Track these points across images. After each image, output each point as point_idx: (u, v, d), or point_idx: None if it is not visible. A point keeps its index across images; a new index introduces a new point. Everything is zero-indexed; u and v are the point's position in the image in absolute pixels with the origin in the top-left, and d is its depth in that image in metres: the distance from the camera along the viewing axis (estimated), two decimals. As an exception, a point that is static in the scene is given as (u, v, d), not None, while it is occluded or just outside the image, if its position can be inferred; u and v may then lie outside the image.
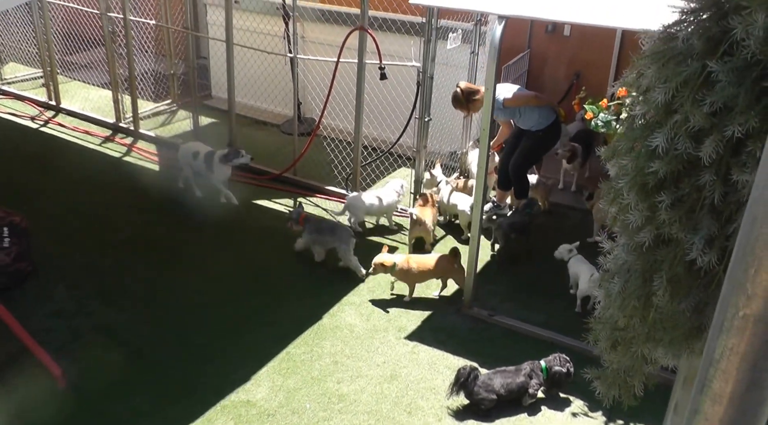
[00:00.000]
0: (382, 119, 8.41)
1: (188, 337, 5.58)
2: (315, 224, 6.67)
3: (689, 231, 1.61)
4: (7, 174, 8.21)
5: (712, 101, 1.59)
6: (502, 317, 5.89)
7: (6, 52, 11.93)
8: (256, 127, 10.04)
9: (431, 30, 6.97)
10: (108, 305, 5.96)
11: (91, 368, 5.18)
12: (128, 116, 9.89)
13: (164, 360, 5.33)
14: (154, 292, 6.18)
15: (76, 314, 5.80)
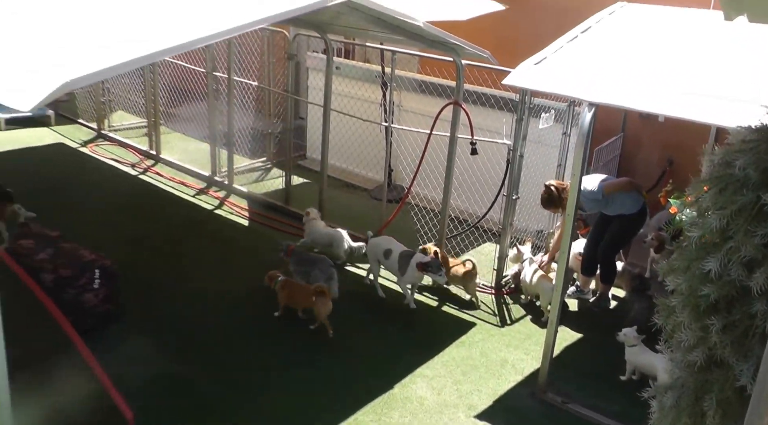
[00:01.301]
0: (471, 193, 8.57)
1: (259, 396, 5.73)
2: (299, 256, 7.27)
3: (740, 357, 1.66)
4: (102, 218, 8.73)
5: (764, 233, 1.65)
6: (576, 405, 5.83)
7: (115, 101, 12.72)
8: (347, 190, 10.35)
9: (524, 109, 7.12)
10: (184, 356, 6.22)
11: (161, 415, 5.39)
12: (223, 170, 10.38)
13: (236, 414, 5.50)
14: (229, 349, 6.41)
15: (153, 363, 6.07)
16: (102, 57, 4.02)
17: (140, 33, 4.71)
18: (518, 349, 6.59)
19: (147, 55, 4.17)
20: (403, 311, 7.15)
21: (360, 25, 7.45)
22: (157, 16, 5.26)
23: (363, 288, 7.53)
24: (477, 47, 7.03)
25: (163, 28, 4.85)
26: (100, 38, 4.66)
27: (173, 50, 4.36)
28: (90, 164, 11.01)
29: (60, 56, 4.30)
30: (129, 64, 4.08)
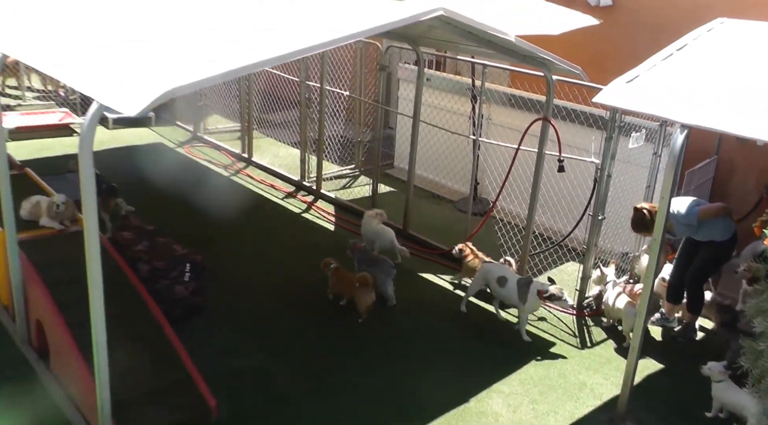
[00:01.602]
0: (556, 210, 8.53)
1: (334, 396, 5.89)
2: (363, 254, 7.59)
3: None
4: (193, 217, 9.09)
5: None
6: (655, 435, 5.73)
7: (211, 106, 13.18)
8: (432, 201, 10.44)
9: (614, 127, 7.04)
10: (266, 350, 6.44)
11: (242, 407, 5.62)
12: (312, 176, 10.64)
13: (310, 412, 5.66)
14: (309, 347, 6.59)
15: (236, 355, 6.32)
16: (203, 66, 4.21)
17: (240, 45, 4.89)
18: (597, 373, 6.51)
19: (244, 67, 4.34)
20: (482, 325, 7.19)
21: (451, 38, 7.52)
22: (256, 29, 5.45)
23: (443, 299, 7.58)
24: (568, 63, 7.00)
25: (262, 39, 5.02)
26: (203, 49, 4.87)
27: (270, 62, 4.51)
28: (185, 163, 11.44)
29: (165, 65, 4.52)
30: (228, 74, 4.25)
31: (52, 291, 5.73)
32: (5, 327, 6.36)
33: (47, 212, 6.68)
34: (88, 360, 4.88)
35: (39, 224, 6.70)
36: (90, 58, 4.78)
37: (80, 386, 5.21)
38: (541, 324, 7.23)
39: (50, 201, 6.72)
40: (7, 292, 6.32)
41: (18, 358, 5.98)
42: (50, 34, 5.47)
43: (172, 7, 6.39)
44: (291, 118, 12.22)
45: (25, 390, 5.58)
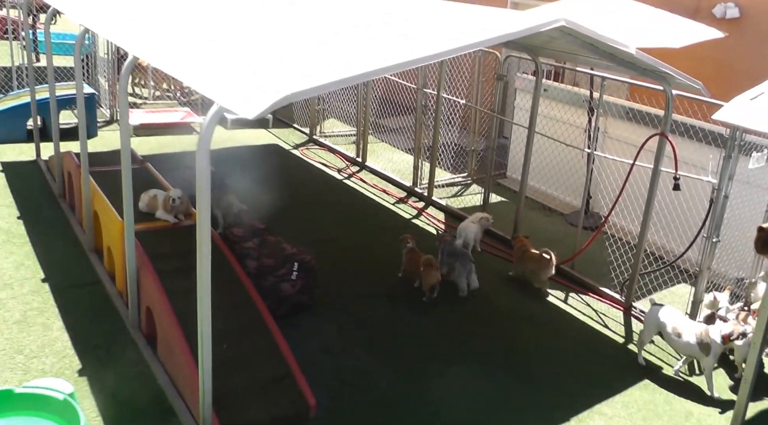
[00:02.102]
0: (669, 230, 8.25)
1: (436, 402, 5.90)
2: (447, 245, 7.94)
3: None
4: (305, 215, 9.34)
5: None
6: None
7: (329, 110, 13.47)
8: (543, 212, 10.31)
9: (733, 146, 6.74)
10: (370, 351, 6.53)
11: (341, 407, 5.70)
12: (424, 182, 10.70)
13: (411, 418, 5.69)
14: (413, 351, 6.63)
15: (340, 355, 6.43)
16: (322, 72, 4.31)
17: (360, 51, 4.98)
18: (706, 403, 6.23)
19: (363, 73, 4.41)
20: (587, 343, 7.04)
21: (571, 49, 7.41)
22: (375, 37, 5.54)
23: (551, 313, 7.47)
24: (689, 77, 6.76)
25: (382, 46, 5.09)
26: (321, 55, 4.99)
27: (390, 69, 4.57)
28: (300, 165, 11.74)
29: (284, 69, 4.66)
30: (346, 81, 4.33)
31: (163, 281, 6.02)
32: (119, 312, 6.71)
33: (163, 206, 7.01)
34: (192, 348, 5.10)
35: (155, 217, 7.04)
36: (212, 61, 5.00)
37: (184, 373, 5.43)
38: (650, 347, 6.99)
39: (167, 195, 7.05)
40: (122, 279, 6.67)
41: (128, 342, 6.29)
42: (172, 39, 5.75)
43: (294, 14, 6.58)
44: (406, 124, 12.35)
45: (132, 373, 5.87)
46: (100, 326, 6.49)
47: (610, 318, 7.47)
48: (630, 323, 7.42)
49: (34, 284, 7.10)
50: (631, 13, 9.05)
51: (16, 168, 10.32)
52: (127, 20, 6.59)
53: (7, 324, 6.39)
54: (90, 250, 7.77)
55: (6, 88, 12.86)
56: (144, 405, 5.51)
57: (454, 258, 7.74)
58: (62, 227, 8.44)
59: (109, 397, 5.53)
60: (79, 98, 7.60)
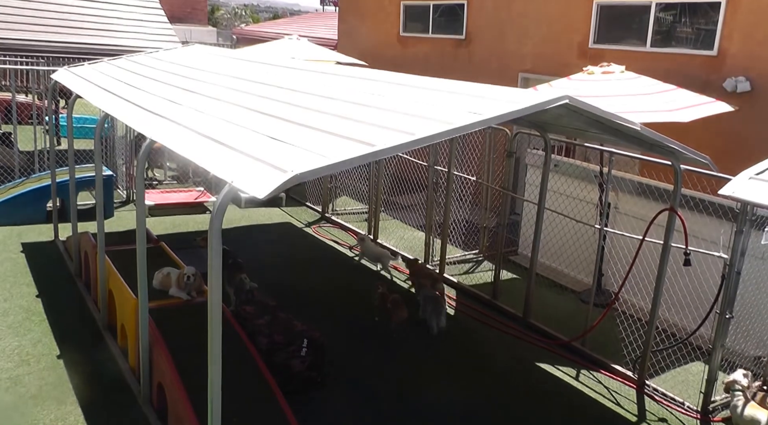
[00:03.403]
0: (681, 306, 8.32)
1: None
2: (425, 295, 8.94)
3: None
4: (316, 294, 9.49)
5: None
6: None
7: (341, 188, 13.79)
8: (556, 290, 10.40)
9: (744, 220, 6.89)
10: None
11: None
12: (436, 259, 10.85)
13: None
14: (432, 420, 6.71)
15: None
16: (329, 153, 4.56)
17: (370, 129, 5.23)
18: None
19: (368, 154, 4.64)
20: (600, 420, 7.06)
21: (579, 126, 7.65)
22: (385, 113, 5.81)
23: (562, 390, 7.53)
24: (696, 152, 6.95)
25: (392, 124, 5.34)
26: (332, 132, 5.25)
27: (399, 148, 4.80)
28: (311, 243, 11.96)
29: (294, 149, 4.91)
30: (353, 162, 4.57)
31: (175, 357, 6.17)
32: (130, 387, 6.87)
33: (177, 283, 7.23)
34: (202, 423, 5.21)
35: (168, 294, 7.24)
36: (225, 141, 5.26)
37: (194, 449, 5.54)
38: (659, 423, 7.03)
39: (180, 273, 7.27)
40: (135, 355, 6.84)
41: (140, 416, 6.43)
42: (186, 120, 6.04)
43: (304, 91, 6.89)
44: (418, 201, 12.60)
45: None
46: (112, 400, 6.65)
47: (623, 396, 7.50)
48: (643, 401, 7.44)
49: (50, 360, 7.29)
50: (639, 88, 9.32)
51: (35, 249, 10.62)
52: (144, 105, 6.92)
53: (23, 399, 6.58)
54: (104, 327, 7.96)
55: (28, 172, 13.28)
56: (155, 481, 5.62)
57: (428, 301, 8.83)
58: (78, 305, 8.67)
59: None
60: (98, 180, 7.92)
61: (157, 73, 8.77)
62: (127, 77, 8.75)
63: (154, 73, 8.81)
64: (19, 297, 8.76)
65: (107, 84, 8.45)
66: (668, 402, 7.38)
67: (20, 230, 11.37)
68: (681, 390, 7.59)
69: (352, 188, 13.86)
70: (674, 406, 7.31)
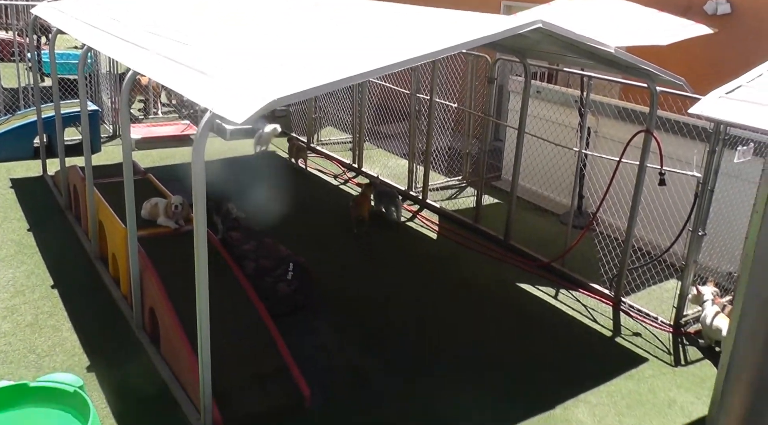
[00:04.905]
0: (656, 225, 8.54)
1: (426, 394, 6.23)
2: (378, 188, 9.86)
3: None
4: (302, 220, 9.76)
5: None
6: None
7: (326, 118, 13.86)
8: (537, 213, 10.62)
9: (717, 140, 7.05)
10: (364, 350, 6.84)
11: (336, 400, 6.02)
12: (419, 186, 11.01)
13: (399, 409, 6.02)
14: (409, 350, 6.93)
15: (335, 351, 6.76)
16: (307, 78, 4.67)
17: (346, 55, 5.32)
18: (689, 392, 6.52)
19: (347, 77, 4.74)
20: (578, 339, 7.34)
21: (557, 51, 7.73)
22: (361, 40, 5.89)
23: (541, 310, 7.80)
24: (671, 73, 7.05)
25: (366, 50, 5.43)
26: (309, 59, 5.34)
27: (374, 73, 4.90)
28: (297, 173, 12.09)
29: (272, 75, 5.02)
30: (329, 86, 4.68)
31: (165, 282, 6.38)
32: (123, 314, 7.09)
33: (165, 212, 7.38)
34: (193, 345, 5.45)
35: (157, 224, 7.41)
36: (205, 70, 5.35)
37: (185, 368, 5.79)
38: (636, 339, 7.32)
39: (168, 202, 7.41)
40: (126, 283, 7.04)
41: (133, 341, 6.68)
42: (168, 51, 6.10)
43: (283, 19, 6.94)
44: (401, 130, 12.70)
45: (138, 369, 6.25)
46: (106, 327, 6.88)
47: (599, 313, 7.79)
48: (618, 317, 7.73)
49: (44, 290, 7.49)
50: (620, 12, 9.34)
51: (24, 184, 10.75)
52: (125, 37, 6.96)
53: (20, 327, 6.79)
54: (95, 257, 8.14)
55: (13, 109, 13.27)
56: (149, 397, 5.89)
57: (382, 195, 9.82)
58: (69, 237, 8.84)
59: (116, 391, 5.91)
60: (83, 115, 7.99)
61: (139, 4, 8.77)
62: (108, 10, 8.74)
63: (135, 5, 8.81)
64: (11, 231, 8.91)
65: (88, 17, 8.44)
66: (643, 318, 7.68)
67: (8, 166, 11.46)
68: (655, 305, 7.88)
69: (336, 118, 13.93)
70: (648, 321, 7.60)
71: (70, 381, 5.41)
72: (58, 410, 5.37)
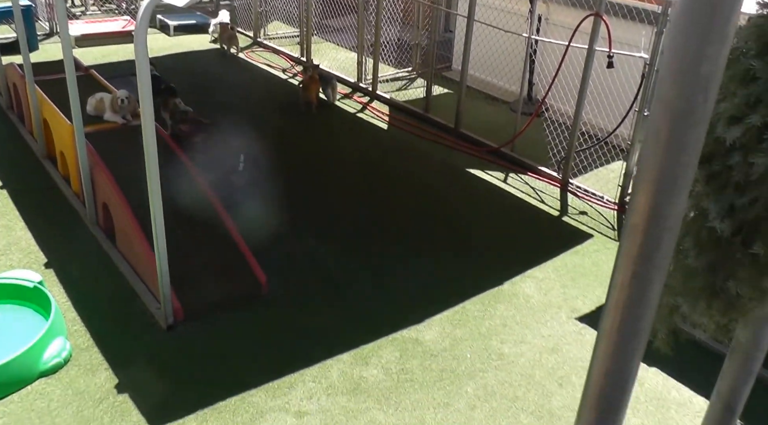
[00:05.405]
0: (603, 107, 8.68)
1: (380, 275, 6.45)
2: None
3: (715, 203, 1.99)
4: (250, 112, 9.73)
5: (743, 94, 1.96)
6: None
7: (272, 12, 13.58)
8: (487, 102, 10.70)
9: (665, 21, 7.12)
10: (317, 235, 6.99)
11: (292, 285, 6.20)
12: (368, 78, 10.97)
13: (355, 289, 6.24)
14: (361, 231, 7.13)
15: (289, 239, 6.88)
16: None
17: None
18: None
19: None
20: (526, 218, 7.58)
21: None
22: None
23: (490, 193, 7.98)
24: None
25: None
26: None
27: None
28: (244, 67, 11.94)
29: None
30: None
31: (117, 177, 6.36)
32: (76, 211, 7.09)
33: (111, 107, 7.28)
34: (148, 236, 5.50)
35: (104, 119, 7.31)
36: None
37: (142, 260, 5.88)
38: (582, 217, 7.56)
39: (114, 97, 7.30)
40: (77, 180, 7.00)
41: (88, 237, 6.72)
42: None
43: None
44: (350, 23, 12.52)
45: (95, 263, 6.32)
46: (60, 224, 6.88)
47: (548, 195, 8.01)
48: (566, 197, 7.98)
49: (-8, 192, 7.43)
50: None
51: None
52: None
53: (-29, 229, 6.77)
54: (43, 157, 8.04)
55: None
56: (109, 290, 5.98)
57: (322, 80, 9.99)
58: (14, 137, 8.69)
59: (75, 285, 5.98)
60: (16, 11, 7.74)
61: None
62: None
63: None
64: (-51, 135, 8.72)
65: None
66: (589, 197, 7.92)
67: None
68: (601, 185, 8.13)
69: (283, 12, 13.64)
70: (594, 200, 7.85)
71: (29, 277, 5.48)
72: (19, 305, 5.45)
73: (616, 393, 1.74)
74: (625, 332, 1.64)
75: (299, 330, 5.70)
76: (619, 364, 1.69)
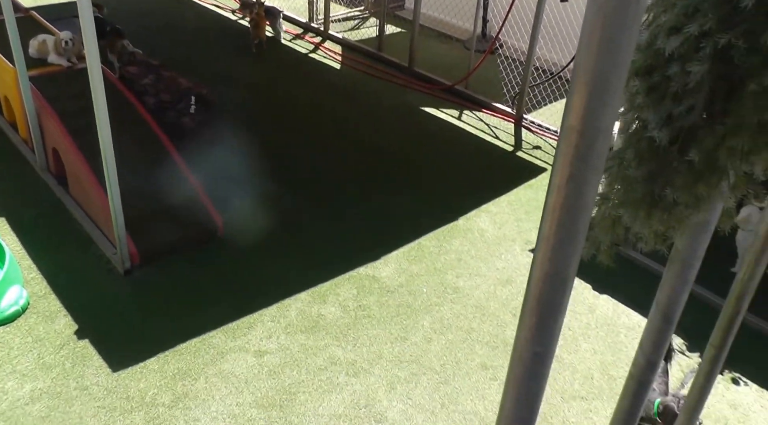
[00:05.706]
0: (557, 42, 8.69)
1: (336, 215, 6.50)
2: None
3: (654, 112, 2.04)
4: (201, 56, 9.60)
5: (682, 4, 1.99)
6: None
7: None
8: (441, 40, 10.65)
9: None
10: (273, 178, 6.96)
11: (248, 228, 6.19)
12: (320, 18, 10.81)
13: (311, 230, 6.29)
14: (316, 173, 7.14)
15: (243, 181, 6.85)
16: None
17: None
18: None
19: None
20: (480, 155, 7.64)
21: None
22: None
23: (443, 130, 8.01)
24: None
25: None
26: None
27: None
28: (193, 9, 11.69)
29: None
30: None
31: (65, 121, 6.26)
32: (26, 158, 6.98)
33: (55, 50, 7.09)
34: (101, 181, 5.44)
35: (47, 62, 7.13)
36: None
37: (96, 205, 5.85)
38: (536, 151, 7.64)
39: (57, 38, 7.11)
40: (24, 126, 6.86)
41: (40, 184, 6.63)
42: None
43: None
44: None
45: (48, 210, 6.27)
46: (9, 172, 6.80)
47: (502, 130, 8.07)
48: (520, 133, 8.06)
49: (-66, 139, 7.26)
50: None
51: None
52: None
53: None
54: (-14, 102, 7.85)
55: None
56: (64, 237, 5.95)
57: (269, 15, 9.98)
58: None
59: (29, 232, 5.95)
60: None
61: None
62: None
63: None
64: None
65: None
66: (543, 132, 8.01)
67: None
68: (555, 120, 8.20)
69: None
70: (548, 135, 7.93)
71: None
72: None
73: (556, 296, 1.78)
74: (562, 235, 1.68)
75: (257, 272, 5.74)
76: (557, 267, 1.73)
